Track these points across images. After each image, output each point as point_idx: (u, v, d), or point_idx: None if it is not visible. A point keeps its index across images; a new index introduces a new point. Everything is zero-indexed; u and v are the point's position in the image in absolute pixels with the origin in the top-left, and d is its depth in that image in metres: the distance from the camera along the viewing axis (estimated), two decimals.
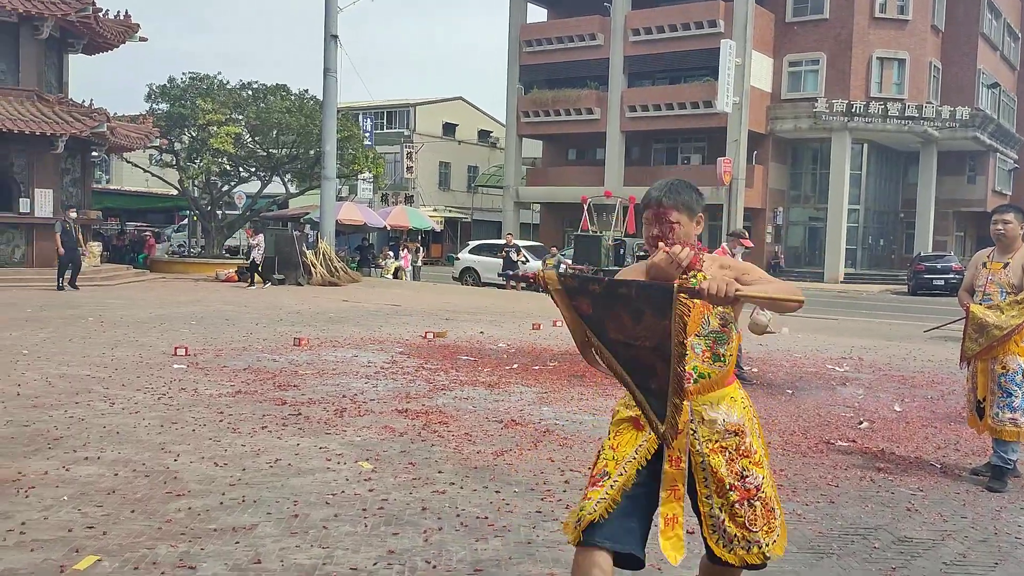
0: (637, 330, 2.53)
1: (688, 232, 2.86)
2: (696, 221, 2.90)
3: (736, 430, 2.83)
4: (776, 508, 2.86)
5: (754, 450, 2.84)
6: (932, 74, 39.65)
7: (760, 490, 2.82)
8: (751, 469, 2.82)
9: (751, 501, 2.80)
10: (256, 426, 6.29)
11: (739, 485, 2.80)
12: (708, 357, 2.83)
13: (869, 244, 41.02)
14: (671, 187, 2.88)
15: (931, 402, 8.32)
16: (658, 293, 2.49)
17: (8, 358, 8.99)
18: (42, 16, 20.99)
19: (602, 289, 2.56)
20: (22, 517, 4.20)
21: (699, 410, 2.84)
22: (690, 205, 2.86)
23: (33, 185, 21.40)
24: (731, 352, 2.87)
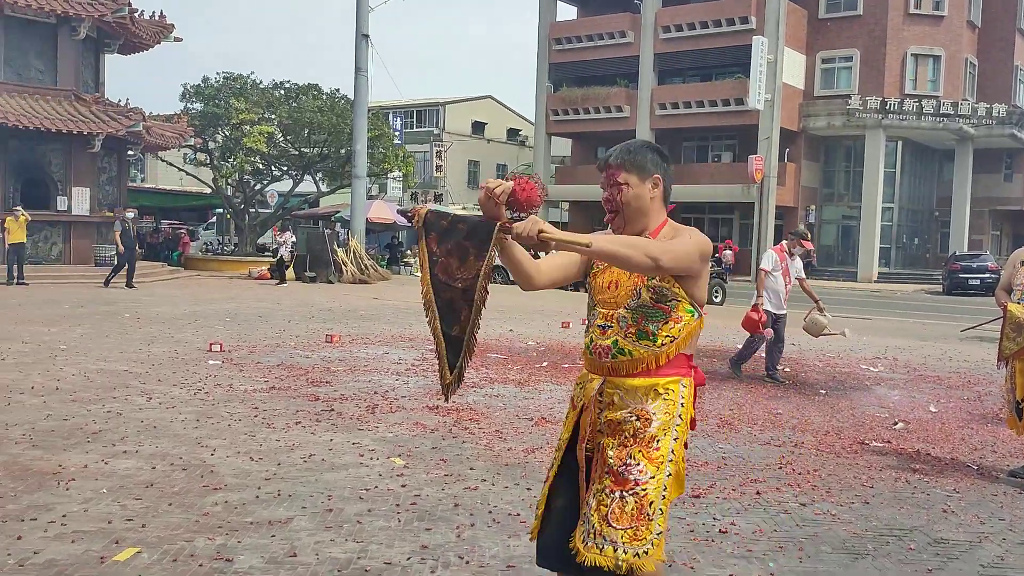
0: (458, 271, 2.47)
1: (639, 194, 2.61)
2: (652, 183, 2.63)
3: (641, 415, 2.55)
4: (655, 520, 2.49)
5: (656, 445, 2.53)
6: (968, 70, 39.06)
7: (640, 487, 2.49)
8: (641, 462, 2.51)
9: (624, 494, 2.49)
10: (290, 421, 6.36)
11: (618, 471, 2.51)
12: (633, 332, 2.57)
13: (903, 243, 40.51)
14: (624, 148, 2.66)
15: (967, 403, 8.21)
16: (483, 229, 2.42)
17: (47, 353, 9.15)
18: (79, 17, 21.34)
19: (448, 223, 2.49)
20: (63, 509, 4.28)
21: (611, 392, 2.61)
22: (642, 165, 2.62)
23: (71, 183, 21.76)
24: (668, 334, 2.56)
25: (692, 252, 2.52)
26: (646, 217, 2.64)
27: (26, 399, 6.83)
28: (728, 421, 6.96)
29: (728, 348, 11.72)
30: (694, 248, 2.53)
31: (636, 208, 2.63)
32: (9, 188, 21.16)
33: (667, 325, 2.56)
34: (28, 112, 20.26)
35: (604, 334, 2.63)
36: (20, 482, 4.69)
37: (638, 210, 2.63)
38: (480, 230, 2.44)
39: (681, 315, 2.57)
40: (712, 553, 4.01)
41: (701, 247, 2.56)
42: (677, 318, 2.57)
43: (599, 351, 2.64)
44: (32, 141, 20.94)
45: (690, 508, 4.65)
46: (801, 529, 4.39)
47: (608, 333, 2.61)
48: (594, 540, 2.49)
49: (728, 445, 6.14)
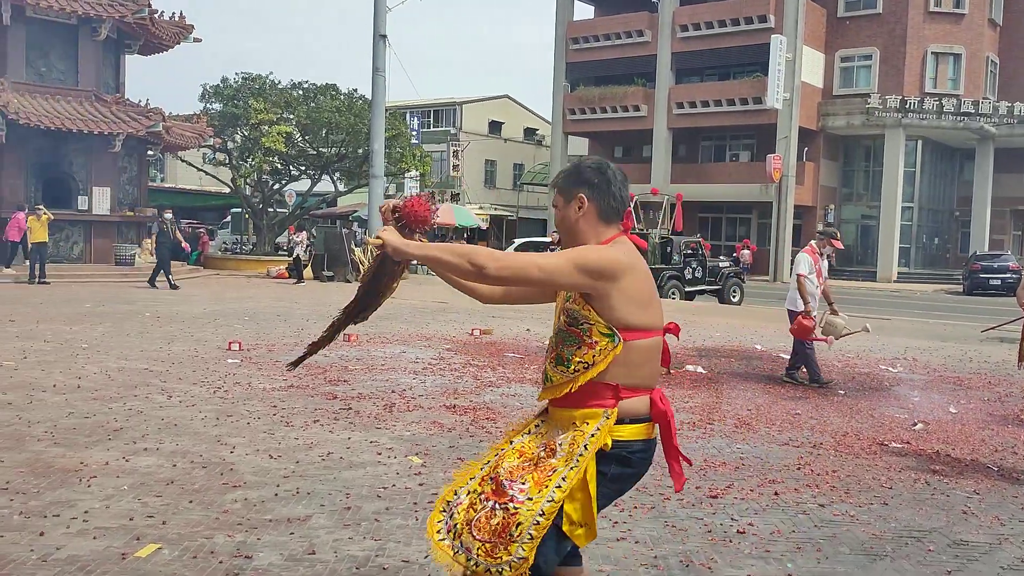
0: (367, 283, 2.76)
1: (565, 215, 2.55)
2: (577, 204, 2.52)
3: (548, 445, 2.48)
4: (519, 543, 2.33)
5: (548, 473, 2.41)
6: (989, 69, 38.72)
7: (515, 505, 2.36)
8: (527, 482, 2.40)
9: (496, 507, 2.39)
10: (308, 420, 6.39)
11: (501, 481, 2.42)
12: (552, 357, 2.53)
13: (923, 243, 40.21)
14: (561, 170, 2.66)
15: (988, 404, 8.15)
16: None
17: (69, 352, 9.24)
18: (100, 18, 21.53)
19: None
20: (85, 506, 4.33)
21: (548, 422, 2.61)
22: (566, 186, 2.56)
23: (91, 183, 21.96)
24: (581, 359, 2.43)
25: (552, 263, 2.38)
26: (576, 237, 2.54)
27: (48, 397, 6.91)
28: (746, 421, 6.94)
29: (746, 348, 11.68)
30: (563, 259, 2.38)
31: (565, 229, 2.58)
32: (31, 187, 21.37)
33: (580, 350, 2.44)
34: (50, 112, 20.46)
35: (544, 360, 2.65)
36: (43, 479, 4.74)
37: (568, 231, 2.57)
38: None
39: (596, 340, 2.42)
40: (730, 553, 4.00)
41: (577, 259, 2.38)
42: (591, 343, 2.42)
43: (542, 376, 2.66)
44: (53, 141, 21.14)
45: (708, 508, 4.65)
46: (819, 530, 4.37)
47: (544, 359, 2.64)
48: (451, 540, 2.42)
49: (746, 445, 6.12)
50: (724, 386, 8.61)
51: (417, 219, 2.51)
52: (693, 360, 10.04)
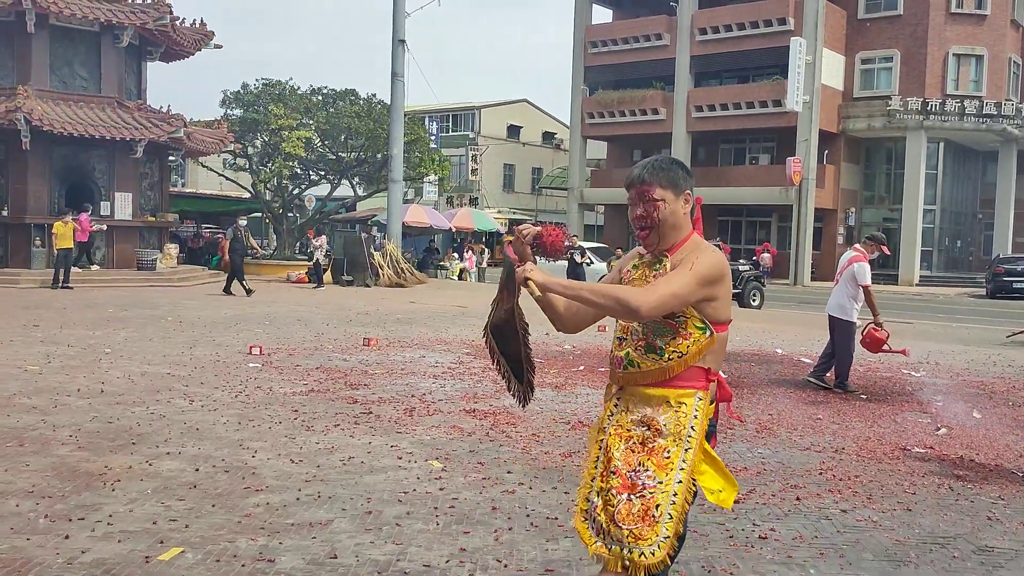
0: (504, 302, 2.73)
1: (674, 210, 2.62)
2: (684, 199, 2.65)
3: (651, 423, 2.57)
4: (662, 523, 2.47)
5: (666, 455, 2.53)
6: (1012, 70, 38.33)
7: (647, 490, 2.49)
8: (650, 468, 2.52)
9: (631, 496, 2.50)
10: (329, 424, 6.42)
11: (625, 474, 2.52)
12: (642, 346, 2.60)
13: (945, 246, 39.85)
14: (654, 163, 2.67)
15: (1013, 409, 8.07)
16: (510, 268, 2.64)
17: (92, 356, 9.33)
18: (122, 25, 21.73)
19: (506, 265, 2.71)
20: (109, 509, 4.37)
21: (627, 399, 2.67)
22: (675, 181, 2.63)
23: (113, 189, 22.16)
24: (675, 349, 2.56)
25: (686, 286, 2.50)
26: (679, 232, 2.66)
27: (73, 401, 6.98)
28: (767, 426, 6.90)
29: (767, 352, 11.62)
30: (690, 280, 2.51)
31: (672, 224, 2.64)
32: (54, 193, 21.60)
33: (675, 341, 2.57)
34: (73, 119, 20.68)
35: (620, 346, 2.70)
36: (68, 483, 4.79)
37: (674, 226, 2.64)
38: (509, 269, 2.67)
39: (690, 332, 2.56)
40: (752, 559, 3.99)
41: (702, 275, 2.52)
42: (686, 335, 2.56)
43: (615, 361, 2.72)
44: (77, 147, 21.37)
45: (729, 514, 4.62)
46: (842, 536, 4.34)
47: (623, 345, 2.68)
48: (602, 539, 2.52)
49: (767, 450, 6.09)
50: (745, 390, 8.57)
51: (555, 249, 2.56)
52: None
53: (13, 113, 19.37)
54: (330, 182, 31.48)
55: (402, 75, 24.89)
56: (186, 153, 25.44)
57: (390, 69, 25.05)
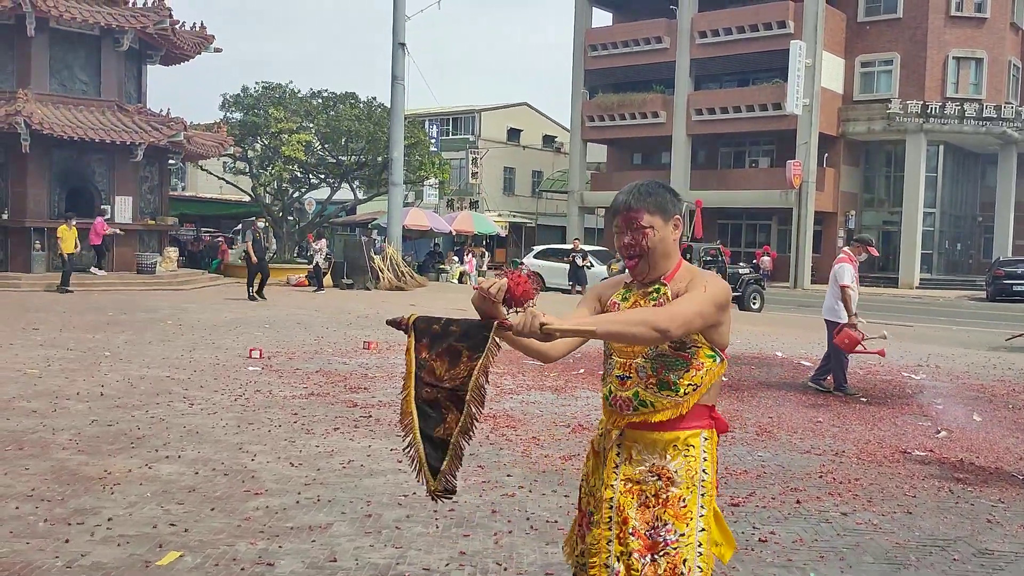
0: (446, 372, 2.41)
1: (664, 236, 2.50)
2: (673, 224, 2.53)
3: (662, 473, 2.43)
4: None
5: (682, 504, 2.40)
6: (1012, 73, 38.34)
7: (671, 547, 2.36)
8: (669, 521, 2.39)
9: (655, 556, 2.36)
10: (329, 427, 6.42)
11: (644, 533, 2.39)
12: (653, 383, 2.45)
13: (945, 249, 39.84)
14: (641, 188, 2.54)
15: (1013, 412, 8.06)
16: (477, 330, 2.38)
17: (92, 360, 9.33)
18: (122, 29, 21.73)
19: (440, 328, 2.45)
20: (108, 513, 4.37)
21: (629, 446, 2.48)
22: (663, 206, 2.51)
23: (113, 192, 22.15)
24: (690, 382, 2.44)
25: (706, 307, 2.41)
26: (669, 260, 2.54)
27: (72, 405, 6.97)
28: (767, 429, 6.90)
29: (767, 355, 11.62)
30: (708, 302, 2.41)
31: (663, 252, 2.52)
32: (54, 197, 21.60)
33: (688, 373, 2.45)
34: (73, 122, 20.67)
35: (624, 385, 2.51)
36: (67, 486, 4.79)
37: (664, 253, 2.52)
38: (475, 332, 2.39)
39: (703, 361, 2.46)
40: (752, 562, 3.98)
41: (717, 298, 2.43)
42: (699, 365, 2.45)
43: (619, 403, 2.52)
44: (77, 151, 21.36)
45: (729, 517, 4.62)
46: (842, 539, 4.34)
47: (628, 384, 2.50)
48: None
49: (767, 453, 6.09)
50: (745, 393, 8.56)
51: (527, 298, 2.35)
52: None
53: (13, 117, 19.37)
54: (330, 185, 31.50)
55: (402, 78, 24.91)
56: (186, 156, 25.45)
57: (390, 72, 25.07)
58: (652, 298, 2.51)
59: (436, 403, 2.44)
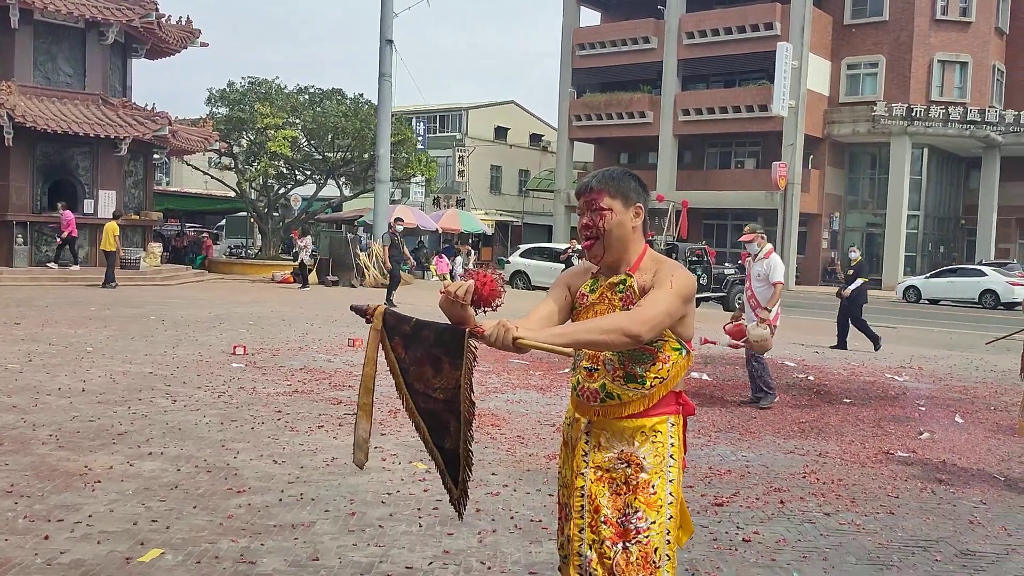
0: (435, 380, 2.39)
1: (622, 222, 2.51)
2: (634, 212, 2.52)
3: (631, 460, 2.45)
4: (663, 567, 2.41)
5: (652, 491, 2.43)
6: (996, 77, 38.66)
7: (643, 535, 2.39)
8: (640, 508, 2.41)
9: (627, 544, 2.39)
10: (313, 425, 6.39)
11: (615, 521, 2.42)
12: (620, 376, 2.47)
13: (929, 251, 40.10)
14: (606, 173, 2.57)
15: (994, 413, 8.12)
16: (451, 336, 2.33)
17: (74, 355, 9.25)
18: (108, 22, 21.60)
19: (410, 329, 2.41)
20: (89, 510, 4.33)
21: (597, 433, 2.51)
22: (625, 192, 2.52)
23: (97, 186, 22.02)
24: (656, 375, 2.46)
25: (673, 305, 2.41)
26: (626, 246, 2.54)
27: (53, 400, 6.91)
28: (751, 429, 6.91)
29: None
30: (675, 299, 2.41)
31: (618, 236, 2.52)
32: (37, 190, 21.44)
33: (655, 366, 2.46)
34: (57, 116, 20.53)
35: (591, 377, 2.52)
36: (47, 482, 4.74)
37: (620, 238, 2.52)
38: (448, 337, 2.34)
39: (668, 354, 2.47)
40: (735, 562, 3.99)
41: (682, 292, 2.43)
42: (664, 358, 2.46)
43: (587, 394, 2.53)
44: (60, 144, 21.22)
45: (713, 517, 4.63)
46: (825, 539, 4.35)
47: (595, 376, 2.51)
48: None
49: (751, 454, 6.10)
50: (729, 393, 8.58)
51: (494, 297, 2.36)
52: (698, 367, 10.02)
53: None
54: (316, 182, 31.38)
55: (389, 75, 24.87)
56: (171, 151, 25.31)
57: (378, 69, 25.00)
58: (619, 290, 2.52)
59: (435, 414, 2.45)
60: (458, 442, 2.43)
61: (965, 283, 28.22)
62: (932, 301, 28.47)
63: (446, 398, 2.39)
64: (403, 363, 2.45)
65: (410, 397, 2.48)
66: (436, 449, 2.50)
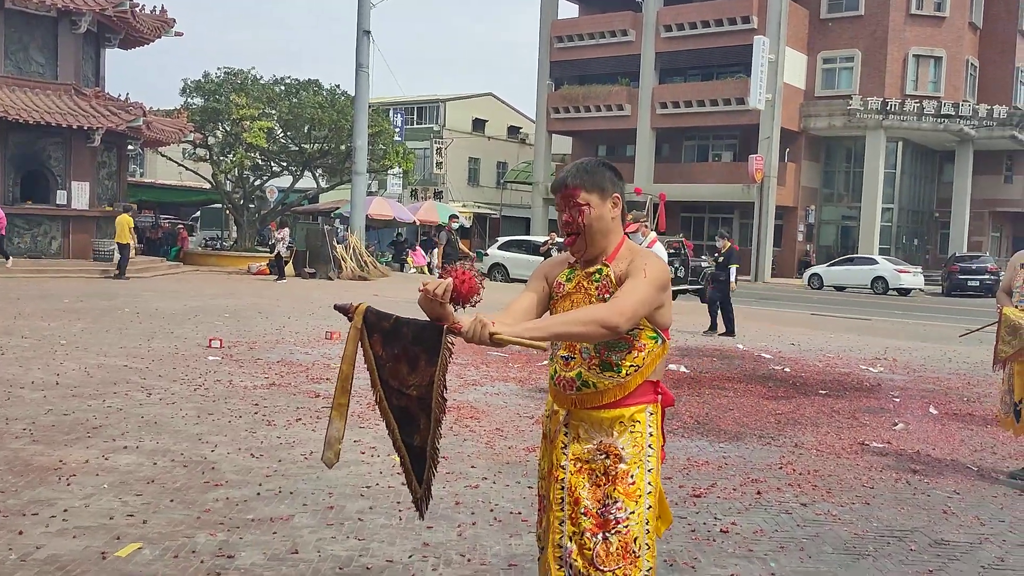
0: (410, 377, 2.40)
1: (601, 214, 2.51)
2: (612, 202, 2.53)
3: (609, 451, 2.45)
4: (643, 556, 2.41)
5: (631, 480, 2.43)
6: (969, 72, 39.06)
7: (622, 525, 2.40)
8: (619, 499, 2.42)
9: (607, 535, 2.40)
10: (291, 418, 6.36)
11: (595, 512, 2.42)
12: (596, 364, 2.47)
13: (903, 244, 40.51)
14: (580, 166, 2.56)
15: (967, 404, 8.22)
16: (429, 333, 2.34)
17: (47, 348, 9.14)
18: (80, 11, 21.28)
19: (390, 325, 2.43)
20: (64, 504, 4.28)
21: (576, 424, 2.52)
22: (601, 184, 2.52)
23: (70, 178, 21.71)
24: (632, 363, 2.46)
25: (649, 294, 2.42)
26: (607, 238, 2.54)
27: (26, 394, 6.83)
28: (728, 421, 6.95)
29: (727, 347, 11.73)
30: (650, 288, 2.42)
31: (599, 229, 2.52)
32: (8, 182, 21.12)
33: (631, 355, 2.46)
34: (28, 106, 20.22)
35: (567, 366, 2.52)
36: (21, 477, 4.69)
37: (600, 231, 2.52)
38: (427, 334, 2.35)
39: (644, 343, 2.46)
40: (713, 553, 4.01)
41: (657, 282, 2.44)
42: (640, 346, 2.46)
43: (563, 383, 2.54)
44: (32, 135, 20.89)
45: (691, 508, 4.65)
46: (802, 529, 4.39)
47: (571, 365, 2.51)
48: None
49: (728, 445, 6.14)
50: (706, 386, 8.63)
51: (472, 294, 2.33)
52: (675, 359, 10.06)
53: None
54: (292, 173, 31.16)
55: (366, 66, 24.73)
56: (145, 142, 25.02)
57: (354, 60, 24.85)
58: (595, 279, 2.52)
59: (407, 410, 2.45)
60: (426, 439, 2.43)
61: (859, 271, 30.85)
62: (838, 288, 30.61)
63: (419, 395, 2.40)
64: (380, 360, 2.44)
65: (383, 393, 2.47)
66: (404, 446, 2.51)
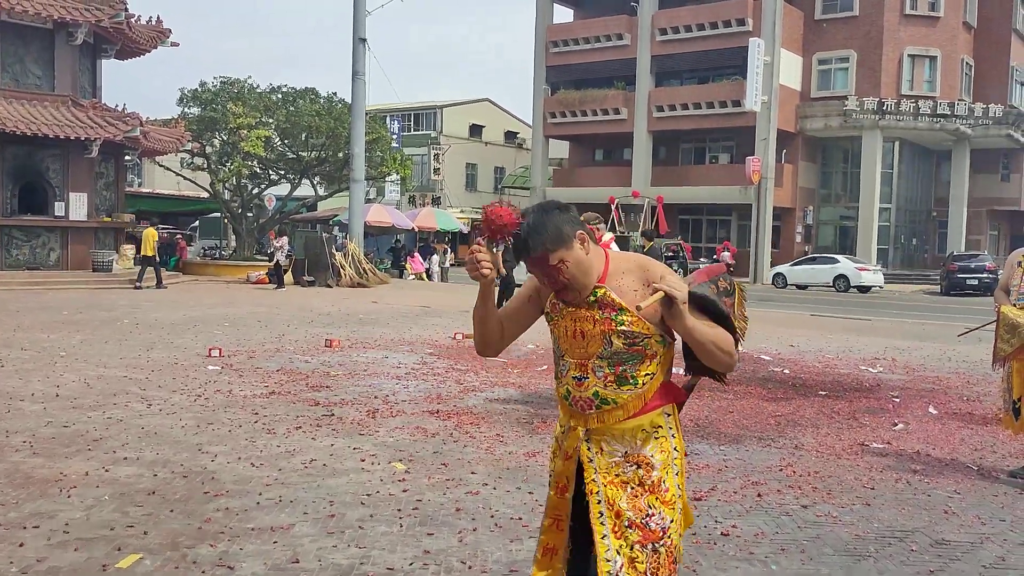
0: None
1: (578, 260, 2.40)
2: (579, 240, 2.41)
3: (639, 461, 2.45)
4: (679, 562, 2.47)
5: (664, 488, 2.45)
6: (964, 71, 39.14)
7: (667, 535, 2.41)
8: (659, 508, 2.42)
9: (656, 546, 2.39)
10: (290, 427, 6.36)
11: (641, 523, 2.40)
12: (612, 380, 2.45)
13: (901, 243, 40.58)
14: (532, 228, 2.38)
15: (967, 403, 8.22)
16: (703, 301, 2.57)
17: (47, 360, 9.14)
18: (76, 22, 21.32)
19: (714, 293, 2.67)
20: (65, 517, 4.28)
21: (598, 440, 2.49)
22: (561, 237, 2.38)
23: (68, 189, 21.75)
24: (647, 372, 2.47)
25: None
26: (591, 272, 2.45)
27: (27, 406, 6.83)
28: (727, 424, 6.95)
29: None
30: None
31: (582, 271, 2.43)
32: (7, 193, 21.15)
33: (644, 364, 2.46)
34: (26, 118, 20.25)
35: (581, 386, 2.49)
36: (22, 490, 4.69)
37: (583, 272, 2.43)
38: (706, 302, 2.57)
39: (655, 350, 2.47)
40: (714, 556, 4.01)
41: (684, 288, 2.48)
42: (651, 354, 2.46)
43: (580, 403, 2.50)
44: (30, 147, 20.93)
45: (691, 511, 4.65)
46: (803, 531, 4.39)
47: (586, 384, 2.48)
48: None
49: (728, 448, 6.14)
50: (704, 388, 8.62)
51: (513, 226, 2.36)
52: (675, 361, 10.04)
53: None
54: (290, 181, 31.20)
55: (363, 73, 24.74)
56: (143, 152, 25.05)
57: (351, 67, 24.88)
58: (590, 301, 2.46)
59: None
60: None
61: (821, 269, 31.50)
62: (800, 287, 31.23)
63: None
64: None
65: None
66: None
